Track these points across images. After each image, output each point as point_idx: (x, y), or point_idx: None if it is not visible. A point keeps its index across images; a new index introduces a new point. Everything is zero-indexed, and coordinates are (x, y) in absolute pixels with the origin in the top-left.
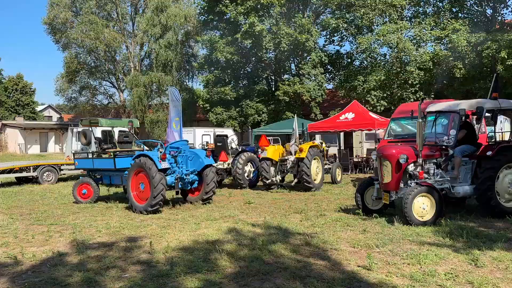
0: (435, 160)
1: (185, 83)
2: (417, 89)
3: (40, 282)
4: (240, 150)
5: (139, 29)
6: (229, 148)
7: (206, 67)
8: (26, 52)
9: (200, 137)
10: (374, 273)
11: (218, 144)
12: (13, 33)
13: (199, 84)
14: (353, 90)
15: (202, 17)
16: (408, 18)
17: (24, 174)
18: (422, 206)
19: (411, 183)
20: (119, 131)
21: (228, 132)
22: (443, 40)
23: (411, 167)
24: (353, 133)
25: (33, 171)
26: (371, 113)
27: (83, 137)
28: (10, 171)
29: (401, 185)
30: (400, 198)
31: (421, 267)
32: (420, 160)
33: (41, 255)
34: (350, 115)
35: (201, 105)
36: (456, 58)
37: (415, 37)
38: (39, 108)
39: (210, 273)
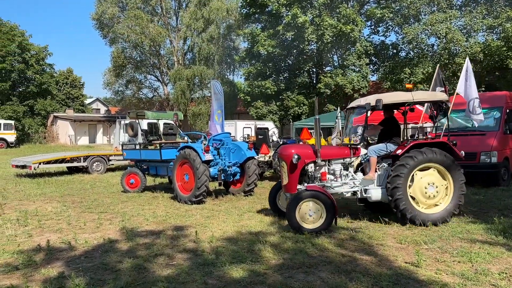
0: (342, 160)
1: (226, 76)
2: None
3: (93, 267)
4: (281, 143)
5: (183, 24)
6: (270, 141)
7: (247, 60)
8: (76, 47)
9: (241, 129)
10: (423, 270)
11: (260, 137)
12: (63, 29)
13: (240, 77)
14: (399, 82)
15: (244, 10)
16: (457, 7)
17: (75, 164)
18: (309, 213)
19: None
20: (164, 123)
21: (269, 125)
22: (496, 30)
23: (310, 168)
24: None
25: (83, 161)
26: (417, 106)
27: (130, 129)
28: (62, 161)
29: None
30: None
31: (472, 266)
32: (319, 161)
33: (92, 241)
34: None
35: (242, 98)
36: (510, 49)
37: (465, 26)
38: (87, 101)
39: (255, 264)
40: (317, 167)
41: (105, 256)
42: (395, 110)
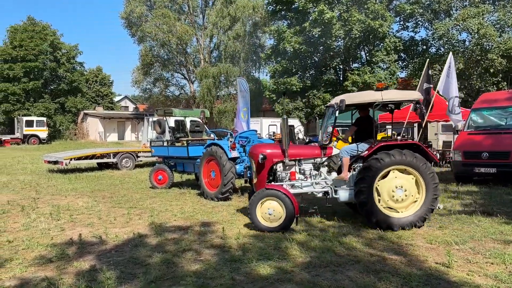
0: (313, 160)
1: (252, 74)
2: (499, 79)
3: (123, 261)
4: (307, 140)
5: (209, 22)
6: (296, 138)
7: (273, 58)
8: (105, 46)
9: (267, 127)
10: (454, 271)
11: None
12: (93, 28)
13: (266, 75)
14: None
15: (270, 7)
16: (490, 1)
17: (105, 160)
18: (269, 211)
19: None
20: (191, 120)
21: (295, 122)
22: None
23: (279, 167)
24: (428, 124)
25: (113, 158)
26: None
27: (158, 126)
28: (93, 157)
29: None
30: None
31: (506, 267)
32: (286, 160)
33: (123, 235)
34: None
35: (267, 96)
36: None
37: (498, 21)
38: (116, 99)
39: (281, 261)
40: (286, 167)
41: (135, 251)
42: (370, 109)
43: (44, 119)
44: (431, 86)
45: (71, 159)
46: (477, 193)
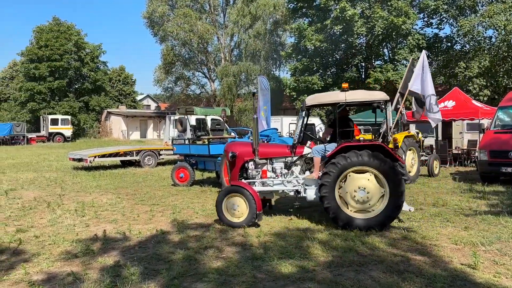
0: (284, 159)
1: (272, 72)
2: None
3: (146, 257)
4: (328, 139)
5: (230, 20)
6: (317, 137)
7: (294, 56)
8: (128, 46)
9: (287, 125)
10: (480, 273)
11: (306, 132)
12: (116, 28)
13: (286, 73)
14: (453, 77)
15: (291, 5)
16: None
17: (128, 158)
18: (233, 207)
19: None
20: (212, 119)
21: (315, 121)
22: None
23: (250, 165)
24: (453, 123)
25: (136, 155)
26: (474, 101)
27: (179, 124)
28: (116, 155)
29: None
30: None
31: None
32: (256, 159)
33: (146, 232)
34: (450, 103)
35: (288, 94)
36: None
37: None
38: (138, 98)
39: (303, 260)
40: (258, 165)
41: (158, 247)
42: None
43: (69, 117)
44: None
45: (95, 157)
46: (503, 193)
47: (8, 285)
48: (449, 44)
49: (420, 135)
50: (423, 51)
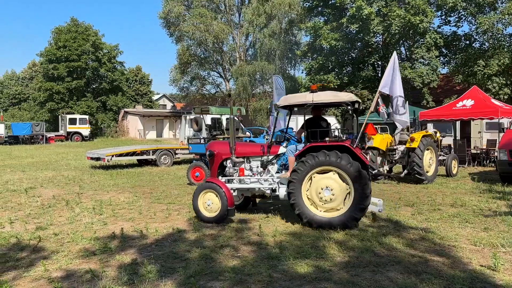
0: (260, 158)
1: (287, 71)
2: None
3: (163, 255)
4: (344, 138)
5: (245, 20)
6: (332, 136)
7: (309, 55)
8: (144, 46)
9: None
10: (501, 275)
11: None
12: (133, 28)
13: (302, 72)
14: (472, 75)
15: (306, 4)
16: None
17: (144, 157)
18: (207, 202)
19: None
20: (227, 118)
21: (331, 120)
22: None
23: (228, 164)
24: (472, 122)
25: (152, 155)
26: (493, 100)
27: (195, 124)
28: (133, 154)
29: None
30: None
31: None
32: (233, 157)
33: (162, 230)
34: (469, 102)
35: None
36: None
37: None
38: (155, 97)
39: (319, 260)
40: (236, 163)
41: (174, 245)
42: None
43: (87, 117)
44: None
45: (112, 156)
46: None
47: (28, 282)
48: (467, 42)
49: (438, 134)
50: (394, 52)
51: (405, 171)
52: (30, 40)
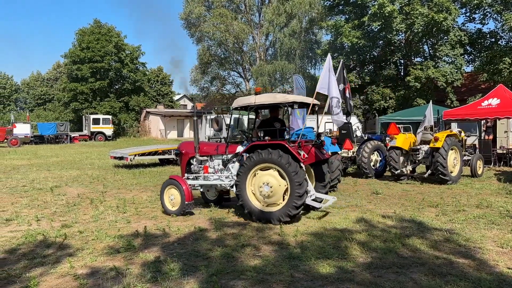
0: (221, 156)
1: (307, 71)
2: None
3: (185, 253)
4: (366, 138)
5: (265, 19)
6: (354, 136)
7: (330, 53)
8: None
9: (323, 124)
10: None
11: (343, 131)
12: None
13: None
14: (498, 73)
15: (327, 3)
16: None
17: (166, 156)
18: (171, 197)
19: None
20: (249, 118)
21: (352, 119)
22: None
23: (194, 162)
24: (498, 121)
25: (173, 154)
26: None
27: (215, 123)
28: (155, 153)
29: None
30: None
31: None
32: (197, 156)
33: (184, 229)
34: (494, 101)
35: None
36: None
37: None
38: (176, 97)
39: (341, 261)
40: (201, 162)
41: (196, 244)
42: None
43: (110, 117)
44: (345, 86)
45: (135, 155)
46: None
47: (54, 278)
48: (493, 39)
49: (462, 134)
50: (328, 54)
51: (429, 172)
52: (55, 42)
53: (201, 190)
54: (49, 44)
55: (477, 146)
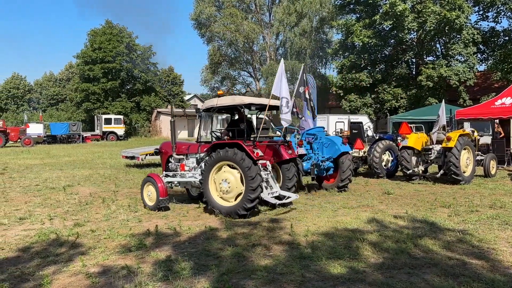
0: (195, 155)
1: (318, 70)
2: None
3: (196, 252)
4: (377, 138)
5: (275, 19)
6: (365, 135)
7: (341, 53)
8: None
9: (333, 124)
10: None
11: (354, 131)
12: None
13: (333, 71)
14: (511, 72)
15: (338, 2)
16: None
17: None
18: (148, 193)
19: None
20: (258, 118)
21: (363, 119)
22: None
23: (172, 160)
24: (511, 121)
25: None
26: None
27: (226, 123)
28: None
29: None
30: None
31: None
32: (174, 155)
33: (195, 228)
34: (508, 100)
35: (334, 92)
36: None
37: None
38: (186, 97)
39: (353, 261)
40: (178, 160)
41: (207, 243)
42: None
43: (121, 117)
44: (305, 89)
45: (146, 155)
46: None
47: (67, 276)
48: (506, 38)
49: (475, 133)
50: (282, 59)
51: (441, 171)
52: (67, 43)
53: (185, 187)
54: (61, 45)
55: (490, 145)
